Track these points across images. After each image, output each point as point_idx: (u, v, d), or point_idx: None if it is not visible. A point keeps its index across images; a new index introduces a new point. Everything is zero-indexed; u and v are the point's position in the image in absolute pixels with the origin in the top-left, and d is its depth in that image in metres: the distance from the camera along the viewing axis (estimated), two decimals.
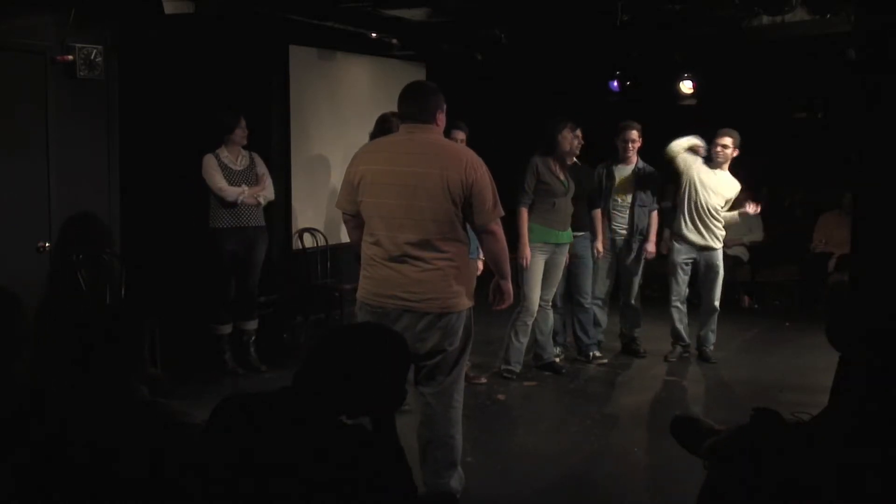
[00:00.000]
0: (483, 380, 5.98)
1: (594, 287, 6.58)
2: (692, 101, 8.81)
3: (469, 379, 5.57)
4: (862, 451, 2.07)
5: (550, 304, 6.19)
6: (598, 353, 6.57)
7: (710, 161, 6.50)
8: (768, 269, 8.99)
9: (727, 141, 6.44)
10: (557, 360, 6.36)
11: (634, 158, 6.61)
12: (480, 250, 4.20)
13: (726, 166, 6.57)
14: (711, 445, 2.68)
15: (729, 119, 9.35)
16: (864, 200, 4.06)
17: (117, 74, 5.88)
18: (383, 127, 5.41)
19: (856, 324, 2.38)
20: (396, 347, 2.26)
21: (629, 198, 6.58)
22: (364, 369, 2.15)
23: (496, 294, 3.91)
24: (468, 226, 3.75)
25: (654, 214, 6.67)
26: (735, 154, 6.48)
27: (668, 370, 6.41)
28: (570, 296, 6.49)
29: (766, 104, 9.40)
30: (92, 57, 5.59)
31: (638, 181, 6.58)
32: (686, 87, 8.67)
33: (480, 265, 5.60)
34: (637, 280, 6.70)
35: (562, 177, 6.01)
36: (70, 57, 5.51)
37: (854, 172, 4.45)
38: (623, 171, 6.62)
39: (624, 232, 6.58)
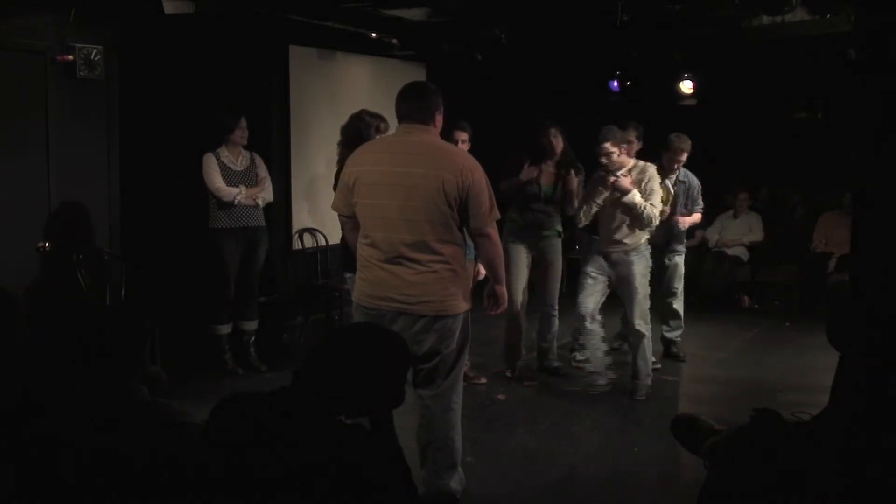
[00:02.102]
0: (483, 380, 5.98)
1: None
2: (692, 101, 8.82)
3: (469, 379, 5.57)
4: (862, 451, 2.07)
5: (556, 309, 6.11)
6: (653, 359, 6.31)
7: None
8: (768, 269, 8.99)
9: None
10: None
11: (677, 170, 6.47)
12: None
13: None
14: (711, 445, 2.68)
15: (729, 119, 9.41)
16: (864, 200, 4.06)
17: (117, 74, 5.89)
18: (354, 123, 5.43)
19: (856, 324, 2.38)
20: (396, 348, 2.26)
21: (667, 208, 6.31)
22: (363, 369, 2.15)
23: (491, 298, 3.90)
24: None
25: (697, 216, 6.65)
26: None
27: (668, 370, 6.40)
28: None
29: (766, 104, 9.41)
30: (92, 57, 5.59)
31: (677, 193, 6.42)
32: (686, 87, 8.68)
33: (482, 269, 5.59)
34: (675, 284, 6.55)
35: (543, 182, 6.00)
36: (70, 57, 5.51)
37: (854, 172, 4.45)
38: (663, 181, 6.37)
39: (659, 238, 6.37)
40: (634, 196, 5.42)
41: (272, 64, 7.23)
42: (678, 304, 6.65)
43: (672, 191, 6.38)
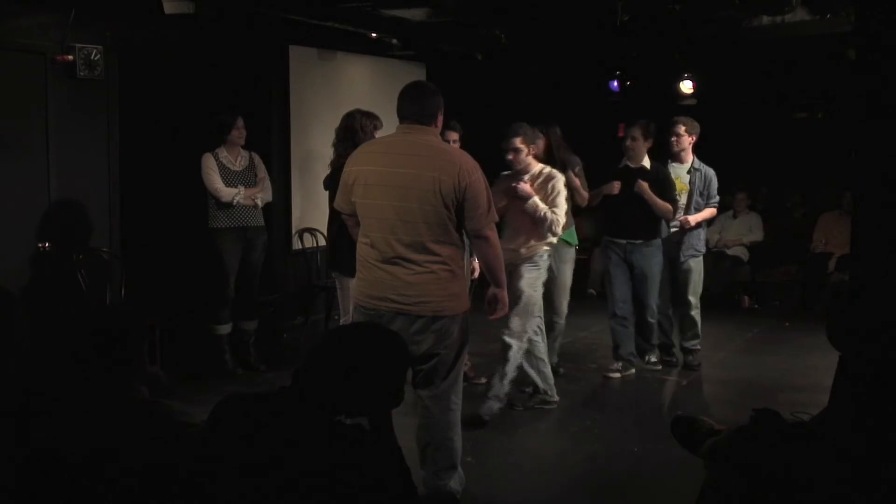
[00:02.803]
0: (483, 380, 5.97)
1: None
2: (692, 101, 8.82)
3: (469, 379, 5.57)
4: (862, 451, 2.07)
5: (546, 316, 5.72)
6: (653, 359, 6.26)
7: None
8: (768, 269, 9.00)
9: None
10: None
11: (689, 157, 6.29)
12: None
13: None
14: (711, 445, 2.68)
15: (729, 119, 9.41)
16: (864, 200, 4.06)
17: (117, 74, 5.89)
18: (346, 123, 5.45)
19: (856, 324, 2.38)
20: (395, 348, 2.26)
21: (683, 197, 6.22)
22: (363, 369, 2.15)
23: (491, 303, 3.89)
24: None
25: (712, 210, 6.42)
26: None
27: (668, 371, 6.41)
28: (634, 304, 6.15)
29: (766, 104, 9.41)
30: (92, 57, 5.60)
31: (692, 181, 6.25)
32: (686, 87, 8.67)
33: (476, 267, 5.55)
34: (689, 295, 6.35)
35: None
36: (70, 57, 5.52)
37: (854, 172, 4.45)
38: (677, 171, 6.27)
39: (675, 231, 6.23)
40: (536, 202, 5.10)
41: (272, 64, 7.23)
42: (695, 313, 6.40)
43: (685, 181, 6.24)
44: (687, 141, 6.27)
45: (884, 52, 3.65)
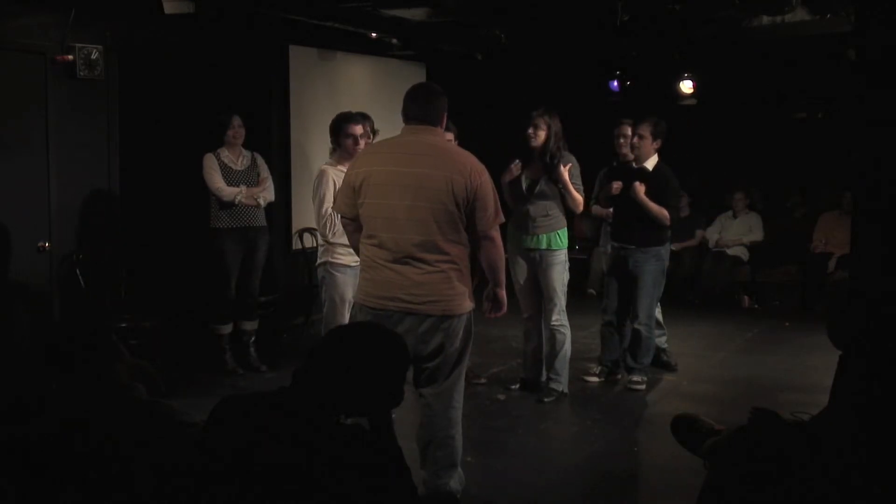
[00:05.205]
0: (483, 380, 5.98)
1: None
2: (692, 101, 8.81)
3: (469, 379, 5.56)
4: (862, 451, 2.07)
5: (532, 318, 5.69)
6: (636, 378, 5.87)
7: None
8: (768, 269, 8.99)
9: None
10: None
11: (631, 157, 6.03)
12: None
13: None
14: (711, 445, 2.68)
15: (729, 119, 9.41)
16: (864, 200, 4.05)
17: (117, 74, 5.90)
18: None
19: (856, 323, 2.38)
20: (395, 347, 2.27)
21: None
22: (363, 369, 2.16)
23: (490, 301, 3.91)
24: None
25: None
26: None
27: (668, 370, 6.40)
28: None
29: (766, 104, 9.41)
30: (92, 57, 5.60)
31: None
32: (686, 87, 8.67)
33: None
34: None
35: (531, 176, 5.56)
36: (70, 57, 5.52)
37: (854, 172, 4.45)
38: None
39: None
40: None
41: (272, 64, 7.23)
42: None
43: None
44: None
45: (884, 52, 3.65)
